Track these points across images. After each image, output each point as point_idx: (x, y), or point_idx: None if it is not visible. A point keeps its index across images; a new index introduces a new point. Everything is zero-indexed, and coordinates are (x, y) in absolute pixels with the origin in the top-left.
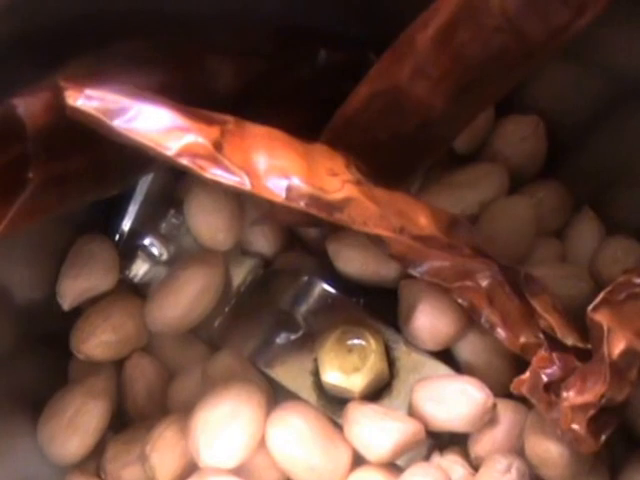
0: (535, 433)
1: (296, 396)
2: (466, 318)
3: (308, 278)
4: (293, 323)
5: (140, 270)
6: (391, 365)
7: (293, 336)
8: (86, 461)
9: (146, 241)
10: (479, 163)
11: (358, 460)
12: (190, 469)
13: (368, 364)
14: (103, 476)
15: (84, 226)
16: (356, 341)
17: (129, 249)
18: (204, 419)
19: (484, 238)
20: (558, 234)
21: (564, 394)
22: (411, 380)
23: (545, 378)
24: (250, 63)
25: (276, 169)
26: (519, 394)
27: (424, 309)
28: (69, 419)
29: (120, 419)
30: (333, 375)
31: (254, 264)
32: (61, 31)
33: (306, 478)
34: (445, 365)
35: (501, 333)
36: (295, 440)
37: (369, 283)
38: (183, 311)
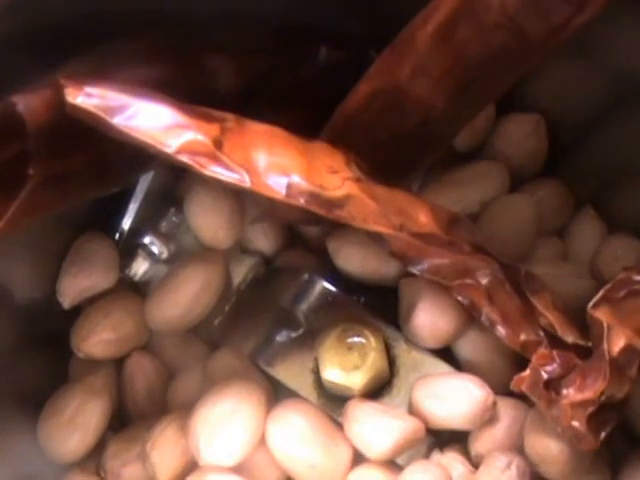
0: (535, 431)
1: (296, 394)
2: (466, 316)
3: (308, 276)
4: (293, 321)
5: (140, 268)
6: (391, 363)
7: (293, 334)
8: (86, 459)
9: (146, 239)
10: (480, 162)
11: (358, 458)
12: (190, 467)
13: (368, 362)
14: (103, 474)
15: (84, 224)
16: (356, 339)
17: (129, 247)
18: (204, 417)
19: (485, 237)
20: (559, 233)
21: (564, 391)
22: (411, 378)
23: (545, 375)
24: (251, 62)
25: (276, 166)
26: (519, 391)
27: (424, 307)
28: (69, 417)
29: (120, 418)
30: (333, 373)
31: (254, 262)
32: (61, 30)
33: (306, 476)
34: (445, 363)
35: (501, 331)
36: (295, 438)
37: (369, 281)
38: (183, 310)
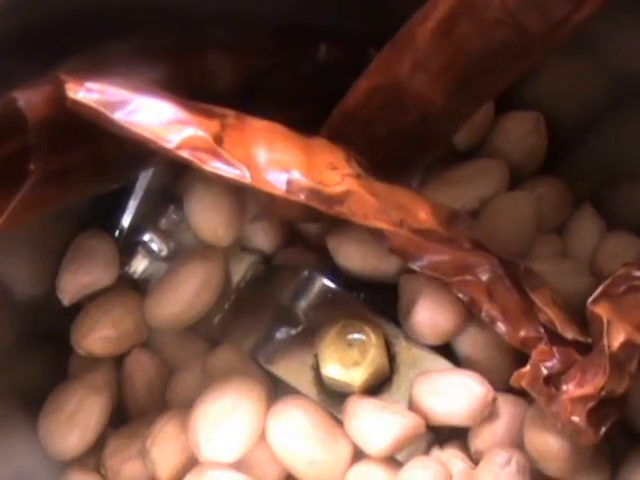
0: (535, 427)
1: (296, 391)
2: (466, 312)
3: (308, 273)
4: (293, 318)
5: (140, 266)
6: (391, 360)
7: (293, 331)
8: (86, 456)
9: (146, 237)
10: (479, 159)
11: (358, 455)
12: (191, 463)
13: (368, 358)
14: (103, 471)
15: (84, 222)
16: (356, 335)
17: (129, 245)
18: (204, 413)
19: (484, 234)
20: (558, 230)
21: (564, 387)
22: (411, 375)
23: (545, 371)
24: (250, 60)
25: (276, 162)
26: (519, 387)
27: (424, 304)
28: (69, 414)
29: (120, 415)
30: (333, 369)
31: (254, 260)
32: (61, 27)
33: (306, 472)
34: (445, 359)
35: (501, 327)
36: (295, 434)
37: (369, 278)
38: (183, 307)
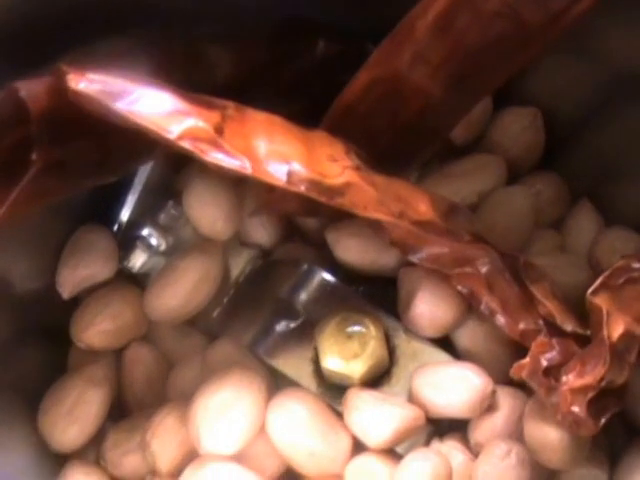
0: (534, 419)
1: (296, 384)
2: (465, 305)
3: (307, 267)
4: (292, 311)
5: (138, 260)
6: (390, 353)
7: (293, 324)
8: (86, 449)
9: (145, 232)
10: (477, 154)
11: (358, 448)
12: (190, 456)
13: (368, 350)
14: (103, 464)
15: (83, 216)
16: (356, 327)
17: (128, 239)
18: (204, 405)
19: (483, 228)
20: (556, 226)
21: (564, 378)
22: (410, 368)
23: (545, 362)
24: (249, 54)
25: (276, 154)
26: (519, 379)
27: (423, 296)
28: (69, 407)
29: (119, 408)
30: (333, 361)
31: (253, 255)
32: (62, 21)
33: (306, 464)
34: (444, 352)
35: (500, 320)
36: (295, 426)
37: (368, 272)
38: (182, 300)
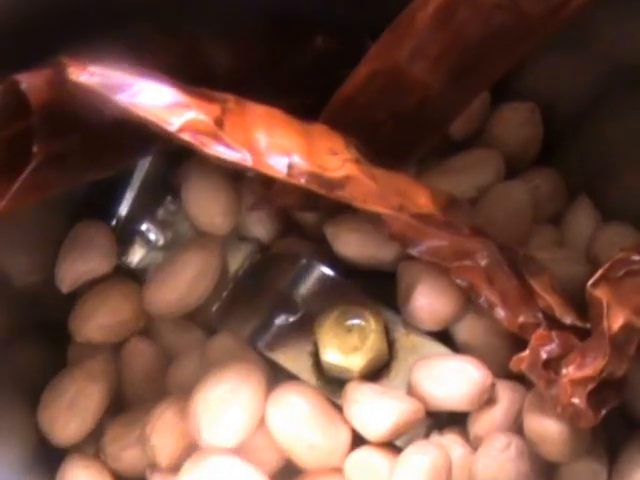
0: (534, 411)
1: (296, 377)
2: (464, 298)
3: (306, 261)
4: (291, 305)
5: (137, 256)
6: (390, 346)
7: (292, 318)
8: (86, 443)
9: (143, 227)
10: (475, 149)
11: (358, 441)
12: (190, 449)
13: (368, 344)
14: (103, 458)
15: (81, 211)
16: (356, 321)
17: (126, 234)
18: (205, 399)
19: (482, 223)
20: (554, 222)
21: (564, 370)
22: (410, 361)
23: (544, 355)
24: (247, 49)
25: (277, 147)
26: (518, 372)
27: (423, 290)
28: (69, 401)
29: (118, 402)
30: (333, 355)
31: (251, 249)
32: (62, 16)
33: (306, 457)
34: (444, 346)
35: (500, 313)
36: (295, 419)
37: (367, 266)
38: (181, 294)
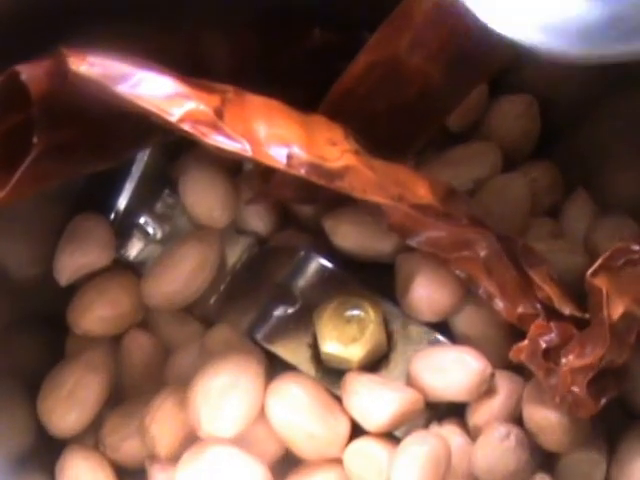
0: (533, 401)
1: (295, 369)
2: (463, 289)
3: (305, 253)
4: (290, 296)
5: (135, 249)
6: (389, 337)
7: (290, 309)
8: (85, 434)
9: (141, 220)
10: (473, 142)
11: (357, 432)
12: (189, 440)
13: (367, 334)
14: (102, 449)
15: (80, 204)
16: (355, 311)
17: (124, 228)
18: (204, 389)
19: (479, 215)
20: (551, 214)
21: (563, 359)
22: (408, 352)
23: (543, 345)
24: (245, 42)
25: (276, 137)
26: (518, 362)
27: (421, 281)
28: (68, 393)
29: (117, 394)
30: (332, 345)
31: (249, 242)
32: (62, 6)
33: (305, 447)
34: (443, 337)
35: (499, 304)
36: (294, 409)
37: (366, 258)
38: (179, 286)
